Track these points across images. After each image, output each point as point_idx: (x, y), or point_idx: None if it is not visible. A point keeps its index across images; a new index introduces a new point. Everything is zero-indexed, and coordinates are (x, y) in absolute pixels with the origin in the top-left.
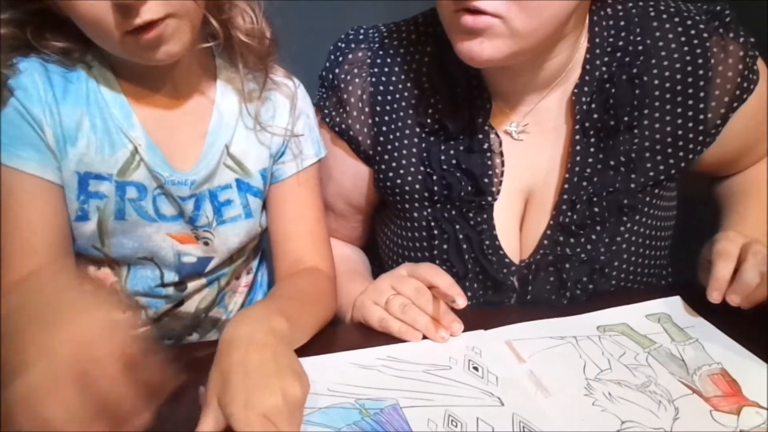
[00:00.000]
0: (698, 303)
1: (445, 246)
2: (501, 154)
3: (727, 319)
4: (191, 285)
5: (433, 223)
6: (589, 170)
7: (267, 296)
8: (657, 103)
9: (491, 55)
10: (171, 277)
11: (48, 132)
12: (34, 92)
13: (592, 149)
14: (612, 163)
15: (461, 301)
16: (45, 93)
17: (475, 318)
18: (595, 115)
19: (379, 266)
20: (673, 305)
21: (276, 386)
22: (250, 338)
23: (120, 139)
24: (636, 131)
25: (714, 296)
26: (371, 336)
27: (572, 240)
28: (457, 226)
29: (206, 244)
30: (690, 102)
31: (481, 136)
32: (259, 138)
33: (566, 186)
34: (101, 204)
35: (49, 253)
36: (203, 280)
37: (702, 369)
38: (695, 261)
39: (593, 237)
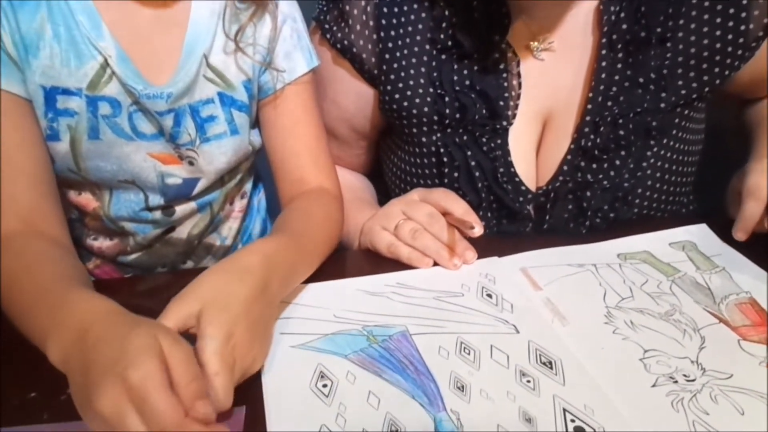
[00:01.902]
0: (724, 231)
1: (455, 174)
2: (518, 74)
3: (756, 247)
4: (180, 209)
5: (442, 150)
6: (615, 89)
7: (270, 237)
8: (693, 12)
9: None
10: (156, 200)
11: (7, 41)
12: None
13: (619, 65)
14: (641, 80)
15: (478, 229)
16: None
17: (489, 245)
18: (624, 26)
19: (385, 196)
20: (698, 233)
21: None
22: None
23: (88, 50)
24: (668, 44)
25: (739, 236)
26: (380, 263)
27: (594, 165)
28: (469, 153)
29: (191, 164)
30: (730, 10)
31: (497, 55)
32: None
33: (589, 106)
34: (72, 122)
35: (32, 173)
36: (193, 205)
37: (729, 298)
38: (719, 191)
39: (617, 162)
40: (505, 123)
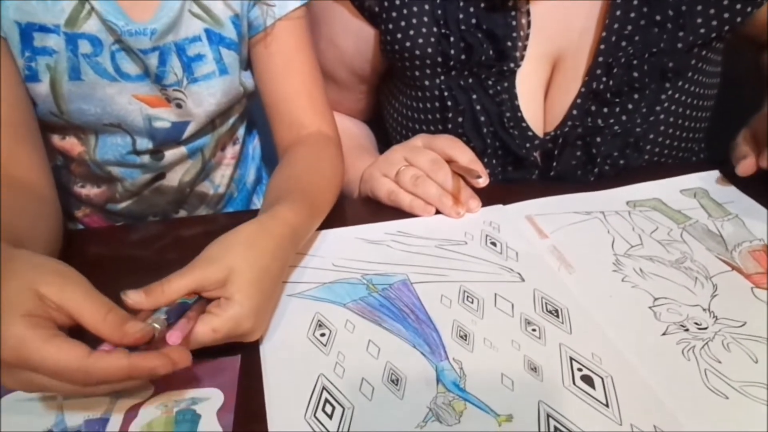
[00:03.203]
0: (737, 178)
1: (460, 119)
2: (527, 13)
3: None
4: (169, 154)
5: (446, 93)
6: (630, 27)
7: (295, 206)
8: None
9: None
10: (144, 144)
11: None
12: None
13: (635, 2)
14: (658, 18)
15: (484, 180)
16: None
17: (494, 193)
18: None
19: (385, 144)
20: (710, 180)
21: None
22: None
23: None
24: None
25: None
26: (380, 211)
27: (605, 109)
28: (474, 96)
29: (179, 106)
30: None
31: None
32: None
33: (602, 47)
34: (51, 61)
35: (6, 115)
36: (183, 150)
37: (742, 245)
38: (730, 140)
39: (629, 106)
40: (512, 65)
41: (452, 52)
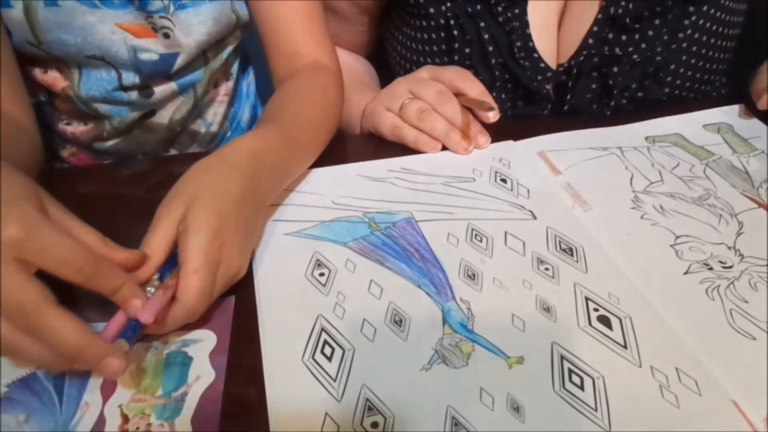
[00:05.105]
0: (764, 114)
1: (467, 49)
2: None
3: None
4: (158, 90)
5: (452, 22)
6: None
7: (259, 130)
8: None
9: None
10: (130, 78)
11: None
12: None
13: None
14: None
15: (494, 113)
16: None
17: (503, 128)
18: None
19: (388, 80)
20: (734, 114)
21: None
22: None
23: None
24: None
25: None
26: (383, 147)
27: (624, 37)
28: (482, 24)
29: (167, 36)
30: None
31: None
32: None
33: None
34: None
35: None
36: (173, 85)
37: None
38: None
39: (650, 33)
40: None
41: None
